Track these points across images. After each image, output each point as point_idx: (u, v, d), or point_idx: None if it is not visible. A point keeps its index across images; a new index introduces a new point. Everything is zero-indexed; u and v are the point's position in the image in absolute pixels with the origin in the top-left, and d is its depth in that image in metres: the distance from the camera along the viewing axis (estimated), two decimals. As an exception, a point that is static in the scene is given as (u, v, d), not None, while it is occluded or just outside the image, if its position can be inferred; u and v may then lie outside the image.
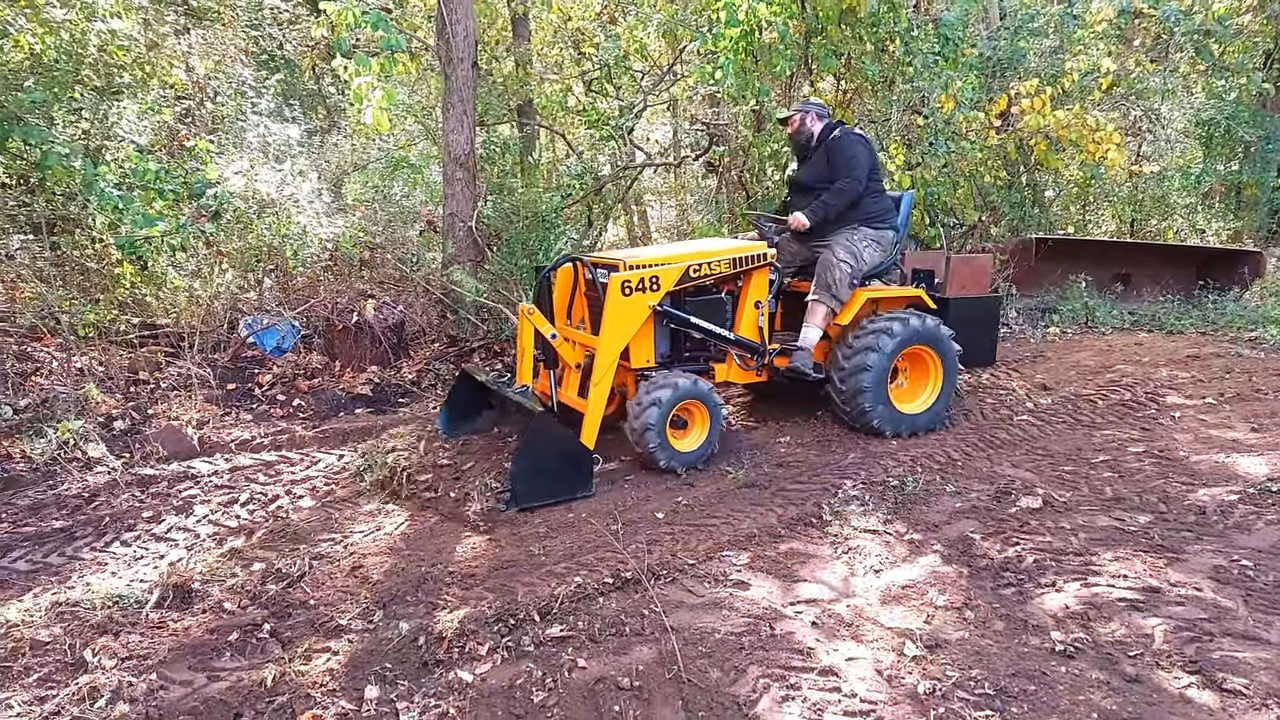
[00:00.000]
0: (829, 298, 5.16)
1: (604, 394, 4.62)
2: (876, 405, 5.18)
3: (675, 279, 4.83)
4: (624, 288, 4.65)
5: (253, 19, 9.20)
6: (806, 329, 5.21)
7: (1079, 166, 9.51)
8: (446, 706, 2.70)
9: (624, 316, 4.68)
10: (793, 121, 5.56)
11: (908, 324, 5.21)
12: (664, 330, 5.08)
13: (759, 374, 5.34)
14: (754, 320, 5.22)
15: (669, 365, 5.10)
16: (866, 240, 5.30)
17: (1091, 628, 3.07)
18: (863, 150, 5.27)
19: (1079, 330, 8.62)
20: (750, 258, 5.09)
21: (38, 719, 2.67)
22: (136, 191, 5.62)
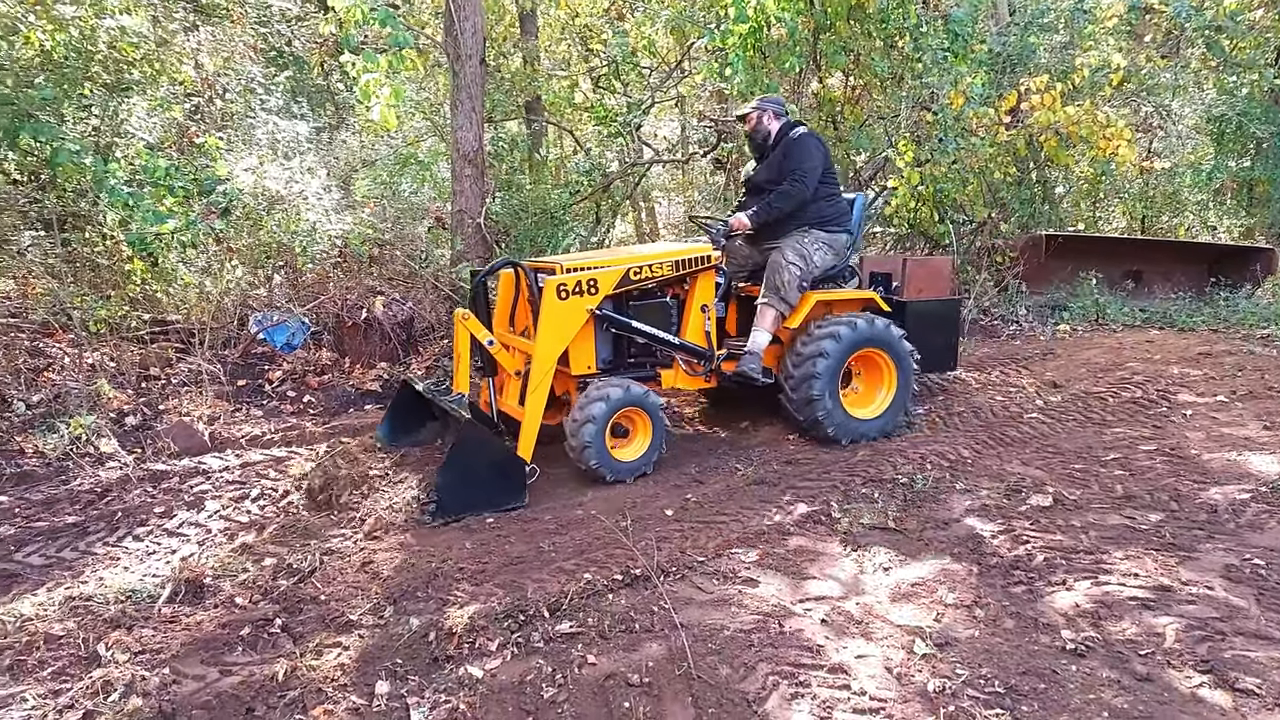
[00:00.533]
0: (777, 301, 5.05)
1: (541, 401, 4.49)
2: (827, 410, 5.03)
3: (614, 282, 4.71)
4: (560, 291, 4.53)
5: (261, 16, 9.22)
6: (755, 333, 5.08)
7: (1089, 163, 9.45)
8: (457, 702, 2.71)
9: (560, 321, 4.56)
10: (750, 119, 5.39)
11: (857, 327, 5.08)
12: (605, 335, 4.94)
13: (707, 379, 5.21)
14: (700, 324, 5.11)
15: (612, 372, 4.98)
16: (818, 243, 5.18)
17: (1102, 626, 3.06)
18: (816, 153, 5.13)
19: (1089, 328, 8.58)
20: (693, 260, 4.98)
21: (52, 712, 2.69)
22: (147, 188, 5.64)
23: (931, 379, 6.51)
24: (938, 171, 8.35)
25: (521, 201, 8.23)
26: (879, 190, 9.67)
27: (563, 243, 8.04)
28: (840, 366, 5.05)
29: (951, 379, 6.66)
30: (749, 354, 5.02)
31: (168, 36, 7.46)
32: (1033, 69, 9.24)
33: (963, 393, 6.30)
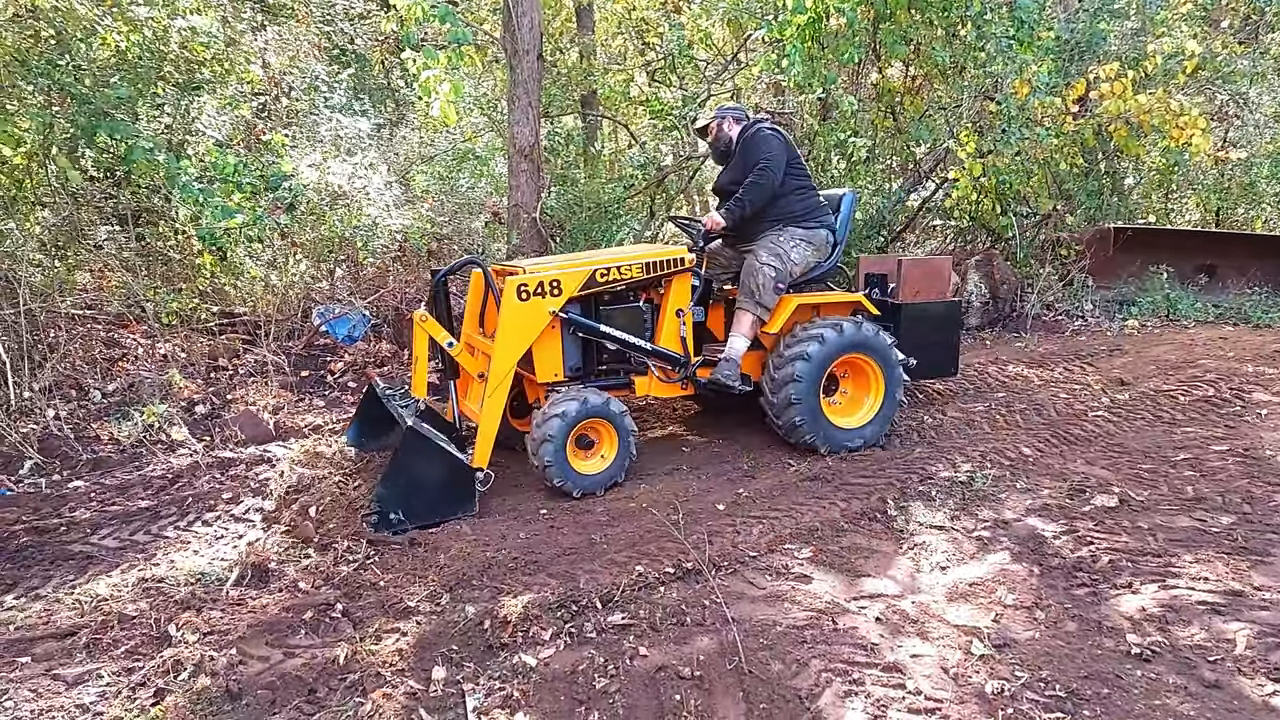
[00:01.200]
0: (753, 305, 4.82)
1: (498, 406, 4.33)
2: (807, 418, 4.79)
3: (579, 284, 4.52)
4: (520, 291, 4.37)
5: (325, 14, 9.42)
6: (732, 338, 4.87)
7: (1161, 153, 9.14)
8: (510, 689, 2.75)
9: (520, 323, 4.38)
10: (711, 129, 5.21)
11: (842, 331, 4.82)
12: (574, 341, 4.73)
13: (684, 387, 4.97)
14: (675, 330, 4.87)
15: (581, 379, 4.78)
16: (794, 240, 4.94)
17: (1169, 631, 2.97)
18: (775, 142, 4.90)
19: (1159, 323, 8.32)
20: (666, 263, 4.75)
21: (125, 689, 2.80)
22: (216, 184, 5.81)
23: (930, 385, 6.33)
24: (1001, 163, 8.15)
25: (576, 196, 8.27)
26: (939, 182, 9.49)
27: (616, 237, 8.06)
28: (822, 373, 4.81)
29: (1013, 376, 6.51)
30: (725, 361, 4.82)
31: (236, 36, 7.66)
32: (1102, 56, 8.96)
33: (1024, 390, 6.15)
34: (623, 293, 4.81)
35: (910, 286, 5.42)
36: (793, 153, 5.02)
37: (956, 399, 5.99)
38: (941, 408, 5.78)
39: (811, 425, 4.81)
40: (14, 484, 4.83)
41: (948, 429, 5.35)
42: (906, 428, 5.38)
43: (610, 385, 4.82)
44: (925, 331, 5.42)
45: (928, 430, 5.33)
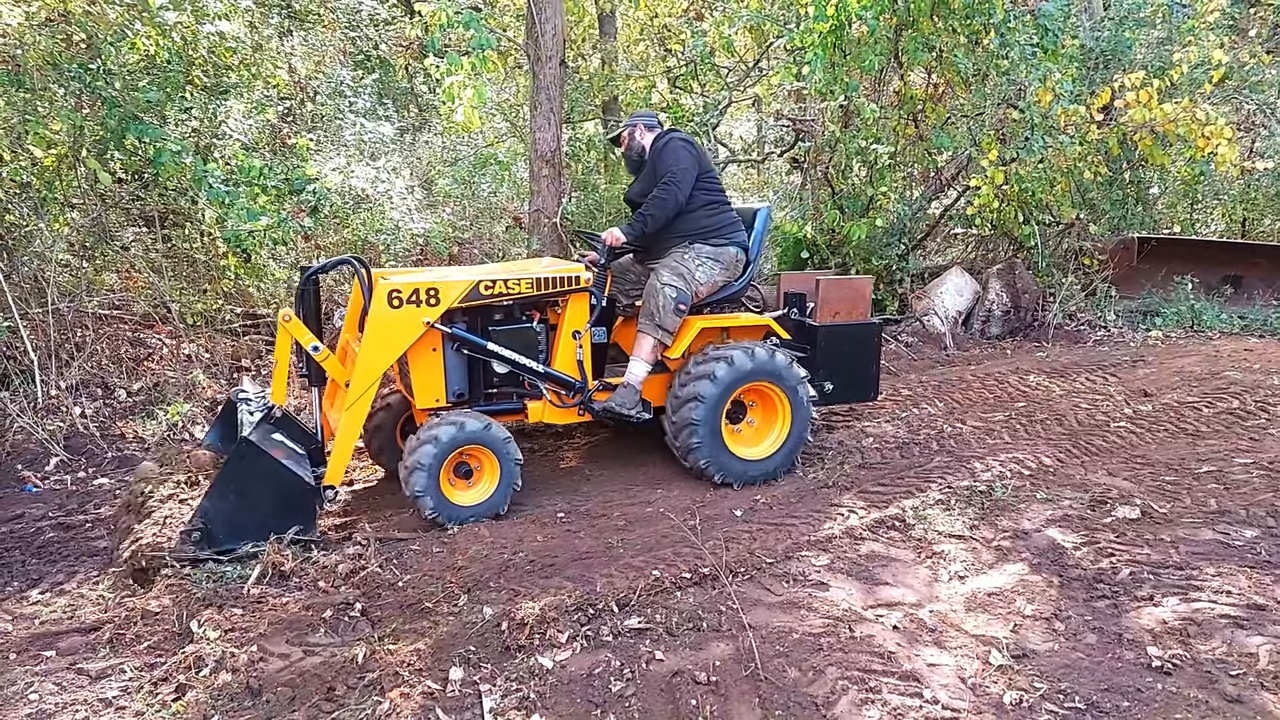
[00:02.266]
0: (653, 328, 4.50)
1: (357, 419, 4.03)
2: (706, 447, 4.49)
3: (459, 295, 4.19)
4: (392, 297, 4.04)
5: (351, 20, 9.52)
6: (632, 363, 4.55)
7: (1186, 163, 9.06)
8: (527, 691, 2.76)
9: (389, 331, 4.04)
10: (623, 139, 4.94)
11: (751, 356, 4.52)
12: (458, 362, 4.39)
13: (580, 413, 4.62)
14: (572, 352, 4.52)
15: (466, 404, 4.45)
16: (700, 259, 4.65)
17: (1191, 644, 2.94)
18: (685, 154, 4.62)
19: (1183, 334, 8.24)
20: (561, 280, 4.42)
21: (148, 684, 2.84)
22: (241, 187, 5.89)
23: (951, 395, 6.28)
24: (1024, 170, 8.11)
25: (596, 201, 8.31)
26: (961, 190, 9.45)
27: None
28: (723, 400, 4.51)
29: (1034, 386, 6.47)
30: (624, 387, 4.52)
31: (263, 41, 7.77)
32: (1127, 65, 8.89)
33: (1045, 400, 6.11)
34: (514, 311, 4.50)
35: (829, 307, 5.18)
36: (705, 165, 4.75)
37: (976, 408, 5.96)
38: (961, 417, 5.75)
39: (709, 451, 4.51)
40: (40, 480, 4.90)
41: (967, 438, 5.32)
42: (926, 436, 5.35)
43: (500, 411, 4.50)
44: (844, 354, 5.19)
45: (947, 439, 5.30)
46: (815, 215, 8.93)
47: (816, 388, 4.96)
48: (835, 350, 5.17)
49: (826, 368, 5.12)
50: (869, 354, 5.36)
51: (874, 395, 5.49)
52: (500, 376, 4.51)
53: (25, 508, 4.54)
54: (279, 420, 4.24)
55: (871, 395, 5.48)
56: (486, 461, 4.21)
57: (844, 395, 5.31)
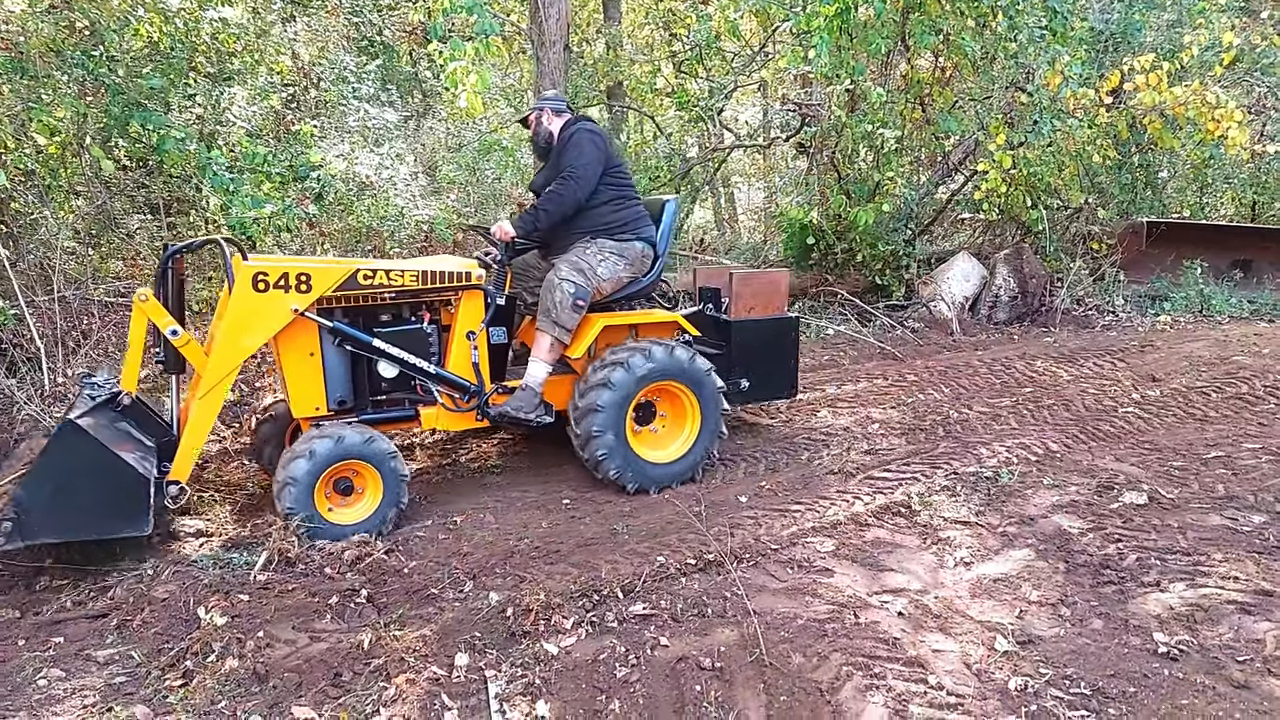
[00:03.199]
0: (550, 325, 4.25)
1: (211, 410, 3.71)
2: (612, 452, 4.25)
3: (334, 283, 3.87)
4: (257, 280, 3.71)
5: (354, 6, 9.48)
6: (531, 364, 4.31)
7: (1196, 146, 8.98)
8: (532, 677, 2.77)
9: (252, 315, 3.72)
10: (530, 121, 4.73)
11: (651, 355, 4.29)
12: (340, 365, 4.08)
13: (478, 418, 4.33)
14: (466, 354, 4.23)
15: (351, 412, 4.14)
16: (603, 254, 4.42)
17: (1198, 630, 2.93)
18: (590, 147, 4.38)
19: (1192, 319, 8.19)
20: (448, 275, 4.14)
21: (155, 669, 2.86)
22: (246, 174, 5.88)
23: (958, 380, 6.27)
24: (1032, 154, 8.05)
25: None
26: (968, 174, 9.39)
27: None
28: (629, 402, 4.28)
29: (1041, 371, 6.44)
30: (522, 389, 4.27)
31: (266, 27, 7.74)
32: (1137, 48, 8.81)
33: (1052, 385, 6.08)
34: (402, 311, 4.25)
35: (743, 302, 5.03)
36: (612, 159, 4.52)
37: (983, 394, 5.94)
38: (967, 403, 5.73)
39: (617, 459, 4.28)
40: (48, 468, 4.91)
41: (974, 424, 5.30)
42: (932, 422, 5.34)
43: (390, 419, 4.27)
44: (760, 350, 5.06)
45: (953, 425, 5.29)
46: (821, 200, 8.89)
47: (731, 385, 4.85)
48: (750, 346, 5.02)
49: (742, 364, 4.98)
50: (786, 349, 5.19)
51: (793, 393, 5.33)
52: (389, 381, 4.20)
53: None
54: (127, 408, 3.86)
55: (790, 392, 5.32)
56: (368, 477, 3.90)
57: (761, 393, 5.15)
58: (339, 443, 3.77)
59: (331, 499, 3.88)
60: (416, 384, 4.26)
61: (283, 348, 3.94)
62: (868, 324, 8.20)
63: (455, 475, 4.79)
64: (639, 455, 4.38)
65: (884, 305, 8.52)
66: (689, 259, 9.32)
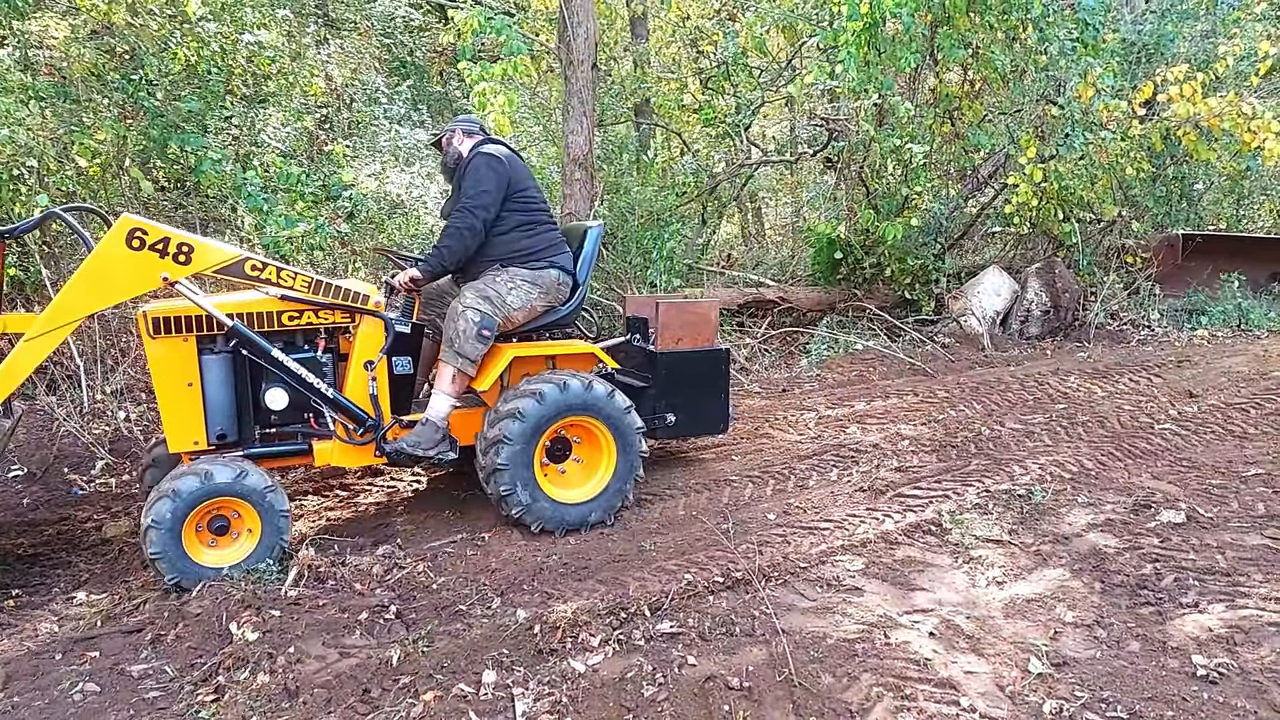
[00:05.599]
0: (453, 356, 4.02)
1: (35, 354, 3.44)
2: (517, 487, 3.98)
3: (218, 262, 3.61)
4: (132, 237, 3.44)
5: (385, 28, 9.64)
6: (433, 397, 4.08)
7: (1232, 158, 8.84)
8: (559, 695, 2.77)
9: (114, 270, 3.45)
10: (442, 143, 4.48)
11: (564, 389, 4.03)
12: (222, 393, 3.78)
13: (377, 454, 4.06)
14: (364, 386, 3.96)
15: (234, 447, 3.84)
16: (514, 282, 4.19)
17: (1238, 653, 2.86)
18: (488, 172, 4.15)
19: (1230, 334, 8.03)
20: (343, 292, 3.90)
21: (188, 684, 2.89)
22: (280, 194, 5.99)
23: (990, 397, 6.17)
24: (1063, 167, 7.96)
25: (628, 204, 8.31)
26: (998, 188, 9.31)
27: (667, 245, 8.07)
28: (539, 436, 4.03)
29: (1075, 387, 6.34)
30: (423, 424, 4.02)
31: (300, 50, 7.89)
32: (1170, 59, 8.70)
33: (1087, 401, 5.99)
34: (296, 339, 3.96)
35: (670, 333, 4.80)
36: (517, 182, 4.27)
37: (1015, 410, 5.86)
38: (999, 419, 5.66)
39: (522, 496, 4.01)
40: (86, 483, 5.02)
41: (1006, 441, 5.23)
42: (963, 439, 5.28)
43: (279, 453, 3.98)
44: (688, 383, 4.83)
45: (985, 442, 5.22)
46: (849, 216, 8.85)
47: (657, 419, 4.69)
48: (677, 379, 4.79)
49: (668, 398, 4.76)
50: (715, 382, 4.94)
51: (724, 428, 5.08)
52: (278, 413, 3.89)
53: (71, 510, 4.65)
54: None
55: (721, 428, 5.07)
56: (245, 515, 3.64)
57: (689, 428, 4.95)
58: (206, 481, 3.49)
59: (204, 538, 3.63)
60: (309, 415, 4.00)
61: (158, 376, 3.70)
62: (897, 339, 8.14)
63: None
64: (547, 493, 4.09)
65: (913, 320, 8.45)
66: (716, 274, 9.32)
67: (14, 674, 2.99)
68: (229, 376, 3.80)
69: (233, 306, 3.75)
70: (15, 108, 5.43)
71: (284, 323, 3.87)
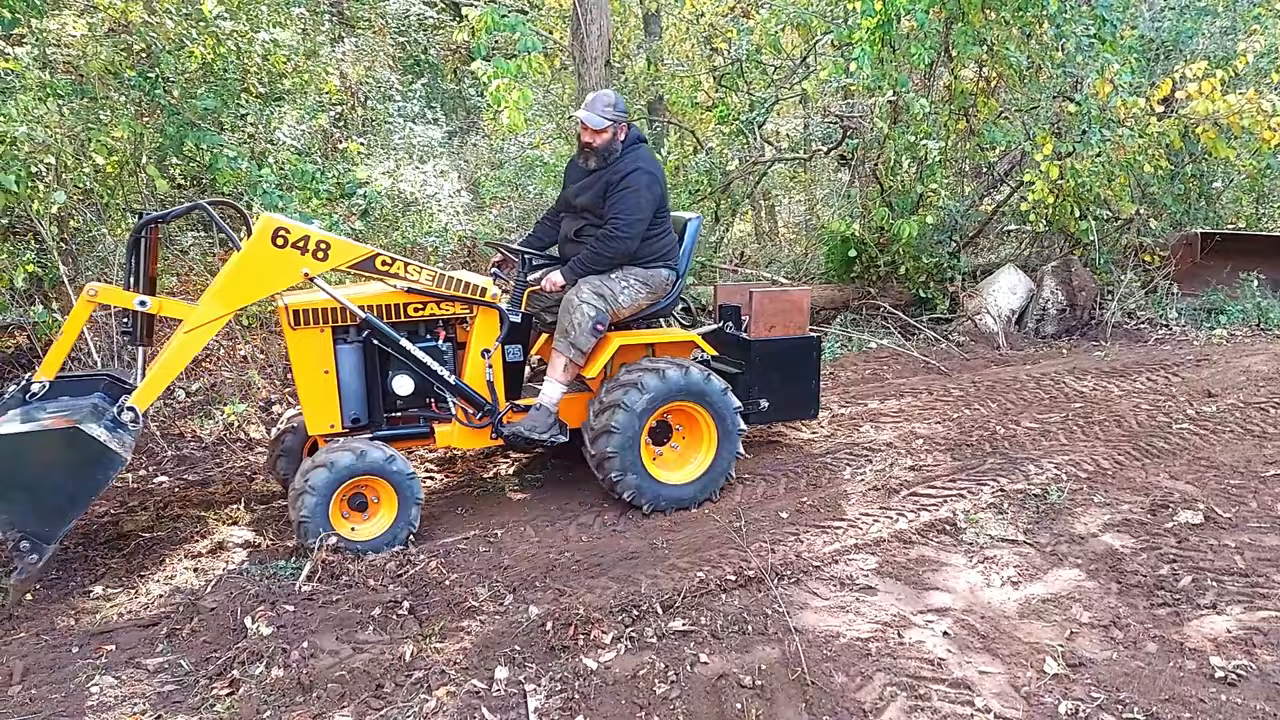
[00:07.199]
0: (567, 346, 4.19)
1: (190, 348, 3.68)
2: (625, 473, 4.16)
3: (352, 258, 3.85)
4: (277, 236, 3.68)
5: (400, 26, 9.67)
6: (546, 383, 4.27)
7: (1251, 156, 8.74)
8: (571, 692, 2.77)
9: (261, 268, 3.69)
10: (603, 133, 4.32)
11: (665, 376, 4.19)
12: (355, 381, 4.05)
13: (493, 437, 4.28)
14: (481, 373, 4.19)
15: (365, 431, 4.09)
16: (628, 280, 4.35)
17: (1256, 655, 2.84)
18: (649, 197, 4.26)
19: (1249, 333, 7.95)
20: (463, 285, 4.12)
21: (203, 678, 2.91)
22: (294, 191, 6.01)
23: (1005, 396, 6.12)
24: (1080, 165, 7.90)
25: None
26: (1014, 185, 9.25)
27: (682, 243, 8.05)
28: (643, 423, 4.19)
29: (1092, 386, 6.29)
30: (536, 409, 4.22)
31: (315, 48, 7.91)
32: (1189, 55, 8.61)
33: (1103, 400, 5.94)
34: (419, 329, 4.21)
35: (763, 321, 4.92)
36: (662, 198, 4.42)
37: (1031, 409, 5.82)
38: (1015, 418, 5.62)
39: (633, 480, 4.19)
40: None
41: (1021, 440, 5.20)
42: (978, 438, 5.25)
43: (404, 436, 4.25)
44: (780, 370, 4.95)
45: (1000, 441, 5.19)
46: (864, 213, 8.81)
47: (751, 405, 4.77)
48: (770, 366, 4.92)
49: (761, 385, 4.89)
50: (807, 370, 5.07)
51: (814, 414, 5.24)
52: (403, 399, 4.18)
53: (89, 504, 4.67)
54: (51, 390, 3.83)
55: (811, 414, 5.23)
56: (383, 494, 3.89)
57: (781, 414, 5.08)
58: (359, 458, 3.76)
59: (348, 515, 3.87)
60: (431, 402, 4.24)
61: (298, 364, 3.96)
62: (911, 337, 8.10)
63: (496, 488, 4.81)
64: (654, 476, 4.29)
65: (928, 318, 8.40)
66: (729, 273, 9.29)
67: (31, 666, 3.02)
68: (360, 364, 4.06)
69: (364, 299, 3.99)
70: (33, 105, 5.47)
71: (409, 314, 4.12)
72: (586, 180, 4.44)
